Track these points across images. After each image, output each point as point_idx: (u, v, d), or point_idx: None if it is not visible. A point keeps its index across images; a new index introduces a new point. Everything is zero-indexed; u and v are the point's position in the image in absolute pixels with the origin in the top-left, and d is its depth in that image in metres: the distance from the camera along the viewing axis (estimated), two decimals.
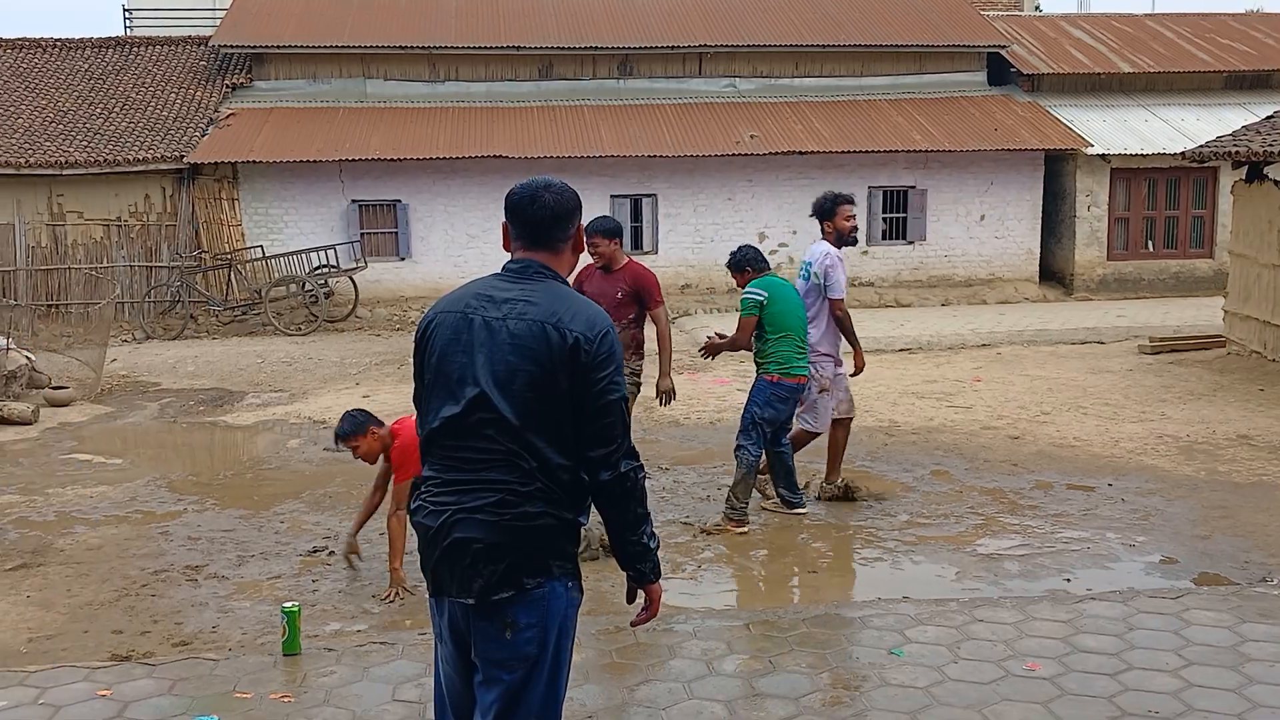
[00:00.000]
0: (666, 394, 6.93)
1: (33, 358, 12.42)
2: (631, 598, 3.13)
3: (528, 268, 2.99)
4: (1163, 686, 4.51)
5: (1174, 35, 22.67)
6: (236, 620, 5.61)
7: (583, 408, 2.85)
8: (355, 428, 5.95)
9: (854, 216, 7.28)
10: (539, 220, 2.99)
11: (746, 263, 7.08)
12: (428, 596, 3.07)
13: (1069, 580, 5.99)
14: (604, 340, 2.87)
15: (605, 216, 7.01)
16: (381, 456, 6.06)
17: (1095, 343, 14.69)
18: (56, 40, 21.72)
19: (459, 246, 18.87)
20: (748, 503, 6.98)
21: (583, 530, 3.06)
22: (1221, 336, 13.33)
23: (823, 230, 7.31)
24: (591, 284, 6.69)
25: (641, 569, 3.03)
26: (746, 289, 6.98)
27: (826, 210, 7.28)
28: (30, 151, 18.07)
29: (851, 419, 7.69)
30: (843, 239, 7.29)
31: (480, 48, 20.24)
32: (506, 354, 2.86)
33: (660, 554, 3.10)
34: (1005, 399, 10.99)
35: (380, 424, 6.03)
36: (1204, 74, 21.30)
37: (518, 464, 2.84)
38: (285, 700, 4.53)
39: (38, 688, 4.66)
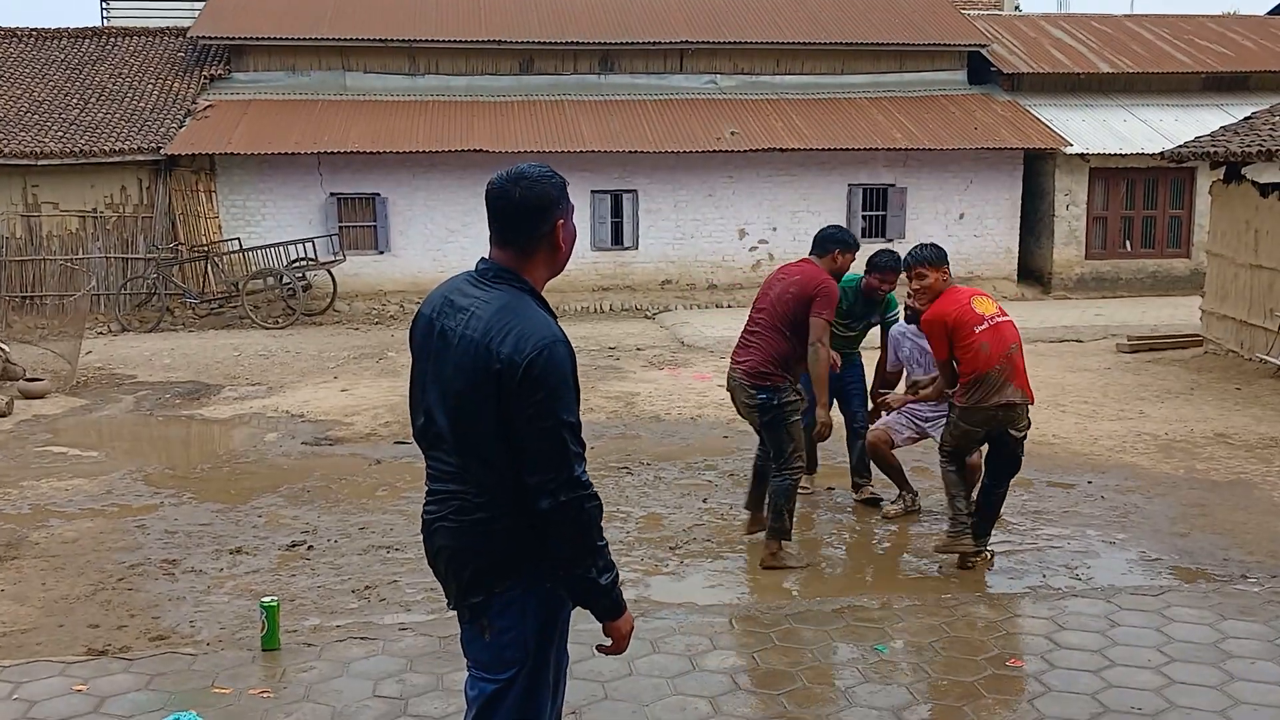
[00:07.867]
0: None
1: (7, 349, 12.29)
2: (605, 629, 2.91)
3: (488, 271, 2.83)
4: (1145, 683, 4.53)
5: (1153, 36, 22.78)
6: (214, 615, 5.55)
7: (516, 432, 2.69)
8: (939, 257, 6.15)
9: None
10: (505, 216, 2.78)
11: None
12: None
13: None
14: (532, 363, 2.63)
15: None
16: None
17: (1073, 341, 14.74)
18: (32, 30, 21.47)
19: (438, 241, 18.78)
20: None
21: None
22: (1199, 336, 13.41)
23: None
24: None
25: (592, 606, 2.83)
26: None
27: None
28: (4, 142, 17.85)
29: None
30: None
31: (461, 42, 20.14)
32: (450, 371, 2.76)
33: (638, 554, 3.03)
34: None
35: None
36: (1182, 75, 21.41)
37: (467, 477, 2.78)
38: (265, 695, 4.49)
39: (11, 682, 4.59)
